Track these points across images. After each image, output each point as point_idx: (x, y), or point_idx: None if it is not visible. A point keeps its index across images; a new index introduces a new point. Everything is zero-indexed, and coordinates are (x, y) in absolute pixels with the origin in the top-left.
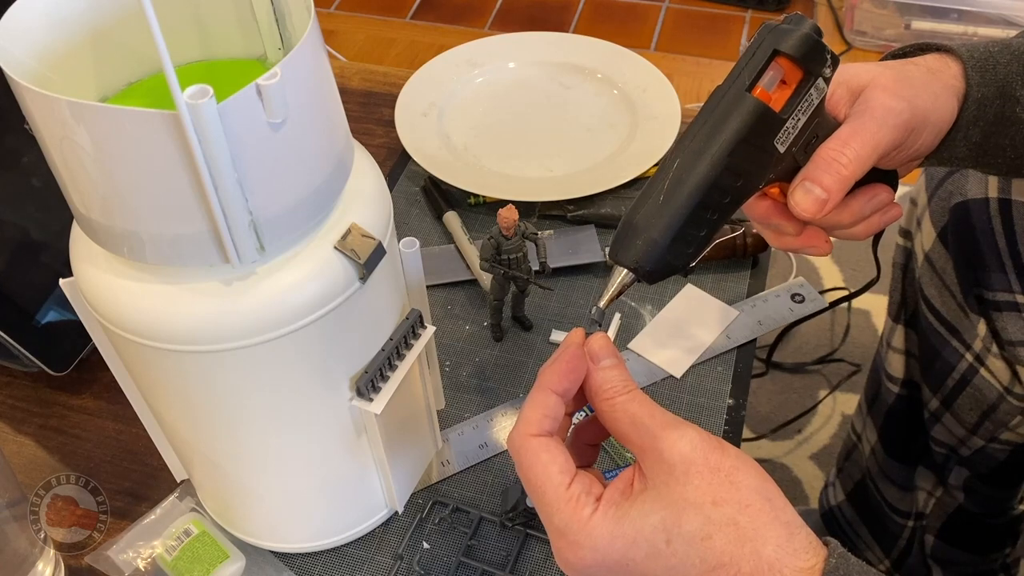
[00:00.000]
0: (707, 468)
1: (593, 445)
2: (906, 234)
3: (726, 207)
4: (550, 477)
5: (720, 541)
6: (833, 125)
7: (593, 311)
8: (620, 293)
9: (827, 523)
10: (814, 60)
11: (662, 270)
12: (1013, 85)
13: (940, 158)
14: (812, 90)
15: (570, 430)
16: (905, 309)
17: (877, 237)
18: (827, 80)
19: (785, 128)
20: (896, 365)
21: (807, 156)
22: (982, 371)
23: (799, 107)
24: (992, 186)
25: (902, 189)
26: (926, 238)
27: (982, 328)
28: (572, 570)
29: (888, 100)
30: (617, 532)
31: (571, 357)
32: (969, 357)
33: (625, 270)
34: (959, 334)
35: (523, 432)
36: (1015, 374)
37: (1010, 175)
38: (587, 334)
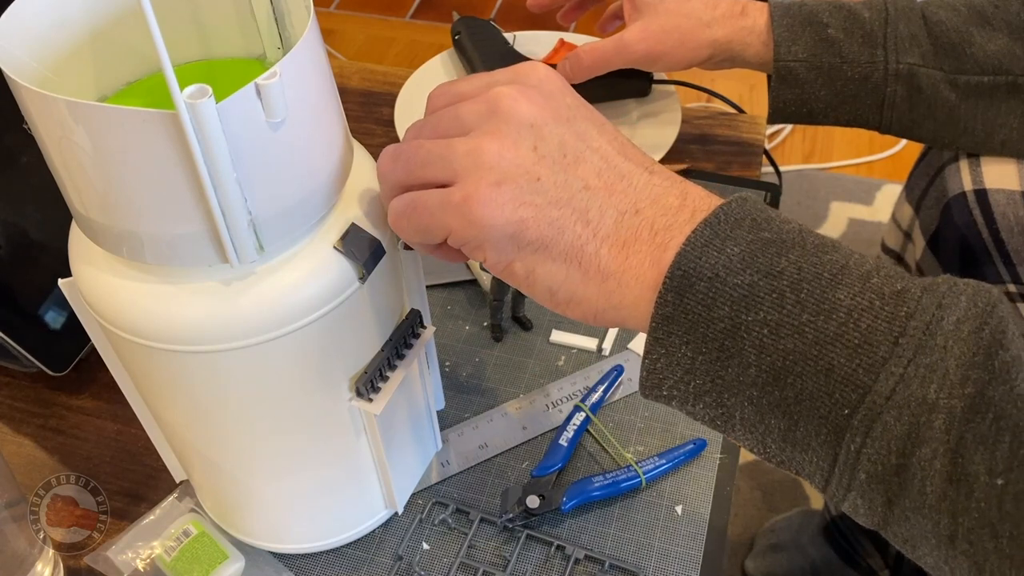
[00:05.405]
0: None
1: None
2: (888, 251)
3: None
4: None
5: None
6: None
7: None
8: None
9: (829, 532)
10: None
11: None
12: (819, 14)
13: (784, 70)
14: None
15: None
16: None
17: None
18: None
19: None
20: None
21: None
22: None
23: None
24: (967, 179)
25: (887, 209)
26: (917, 250)
27: None
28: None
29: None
30: None
31: None
32: None
33: None
34: None
35: None
36: None
37: (859, 120)
38: None
